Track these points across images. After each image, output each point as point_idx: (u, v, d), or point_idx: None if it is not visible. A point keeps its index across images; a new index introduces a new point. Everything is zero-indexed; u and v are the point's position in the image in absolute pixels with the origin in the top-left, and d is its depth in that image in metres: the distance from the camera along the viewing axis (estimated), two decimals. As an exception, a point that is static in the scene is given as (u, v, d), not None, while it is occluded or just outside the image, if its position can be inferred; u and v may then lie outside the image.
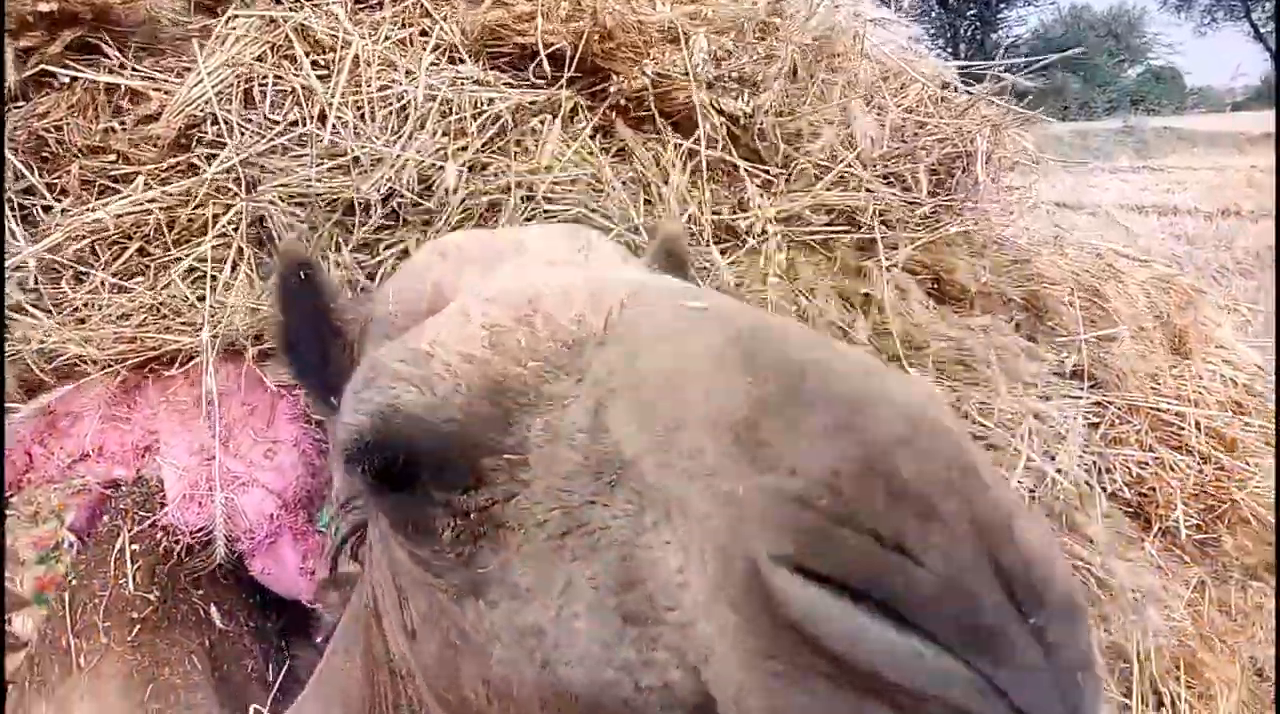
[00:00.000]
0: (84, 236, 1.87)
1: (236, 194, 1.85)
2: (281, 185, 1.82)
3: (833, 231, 2.13)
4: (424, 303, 0.79)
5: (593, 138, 1.99)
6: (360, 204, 1.84)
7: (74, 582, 1.61)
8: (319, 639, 1.54)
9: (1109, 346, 2.19)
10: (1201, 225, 8.43)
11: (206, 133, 1.87)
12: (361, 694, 0.98)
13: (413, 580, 0.76)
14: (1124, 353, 2.14)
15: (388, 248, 1.88)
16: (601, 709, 0.60)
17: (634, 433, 0.59)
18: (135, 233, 1.89)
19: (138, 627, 1.54)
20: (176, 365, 1.75)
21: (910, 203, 2.20)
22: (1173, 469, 2.26)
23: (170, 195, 1.88)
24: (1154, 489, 2.25)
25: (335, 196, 1.84)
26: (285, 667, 1.65)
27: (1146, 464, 2.23)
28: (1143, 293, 2.38)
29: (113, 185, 1.95)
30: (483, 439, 0.66)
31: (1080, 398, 2.09)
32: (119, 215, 1.85)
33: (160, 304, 1.80)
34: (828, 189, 2.15)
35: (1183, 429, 2.28)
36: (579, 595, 0.60)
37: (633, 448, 0.58)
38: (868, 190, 2.16)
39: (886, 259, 2.09)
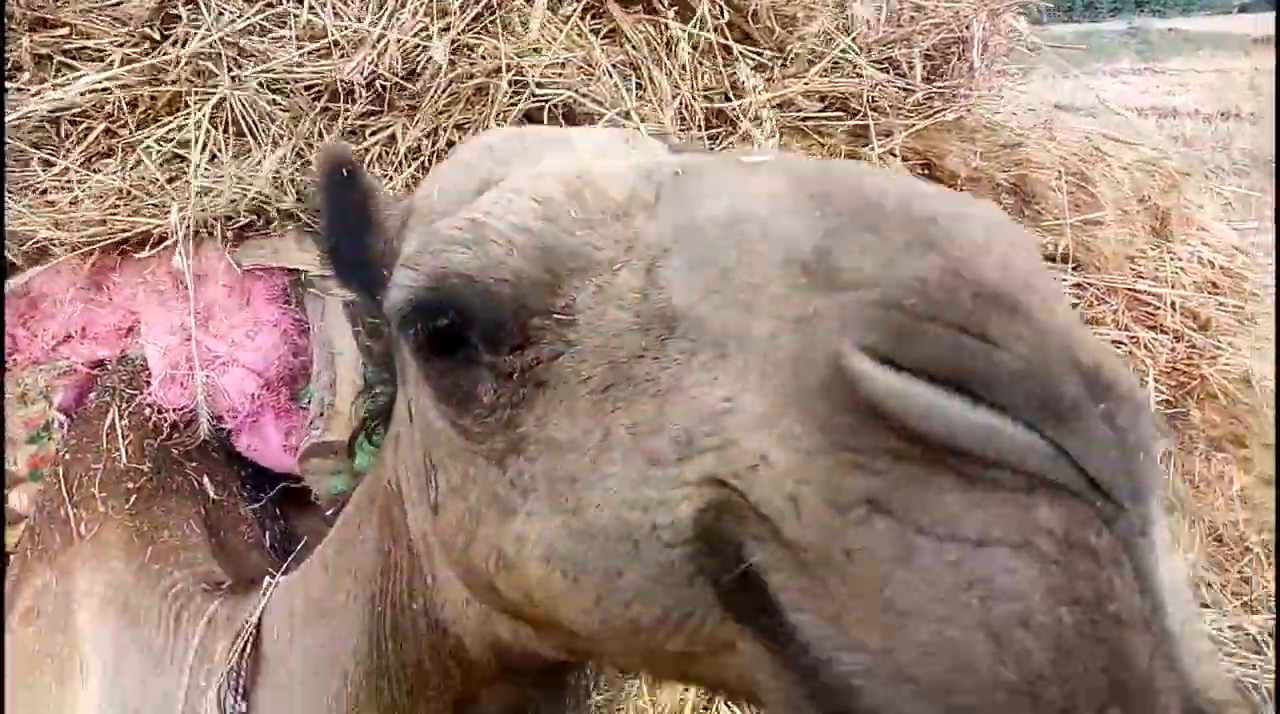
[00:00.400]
0: (47, 116, 1.86)
1: (212, 77, 1.84)
2: (264, 70, 1.82)
3: (826, 117, 2.18)
4: (470, 193, 0.82)
5: (583, 18, 1.99)
6: (344, 89, 1.85)
7: (67, 456, 1.70)
8: (329, 512, 1.64)
9: (1093, 230, 2.30)
10: (1200, 127, 8.56)
11: (179, 12, 1.84)
12: (374, 567, 1.06)
13: (450, 451, 0.81)
14: (1106, 237, 2.25)
15: (374, 134, 1.90)
16: (611, 555, 0.64)
17: (688, 283, 0.60)
18: (100, 113, 1.89)
19: (134, 496, 1.65)
20: (149, 247, 1.79)
21: (905, 89, 2.24)
22: (1147, 347, 2.41)
23: (134, 74, 1.87)
24: (1128, 367, 2.40)
25: (318, 82, 1.85)
26: (292, 538, 1.76)
27: (1122, 342, 2.38)
28: (1128, 176, 2.47)
29: (69, 63, 1.93)
30: (532, 300, 0.70)
31: (1062, 280, 2.21)
32: (83, 93, 1.84)
33: (130, 187, 1.82)
34: (822, 75, 2.18)
35: (1158, 309, 2.43)
36: (615, 443, 0.63)
37: (686, 297, 0.60)
38: (860, 76, 2.19)
39: (880, 146, 2.15)
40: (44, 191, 1.84)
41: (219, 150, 1.86)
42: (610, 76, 1.98)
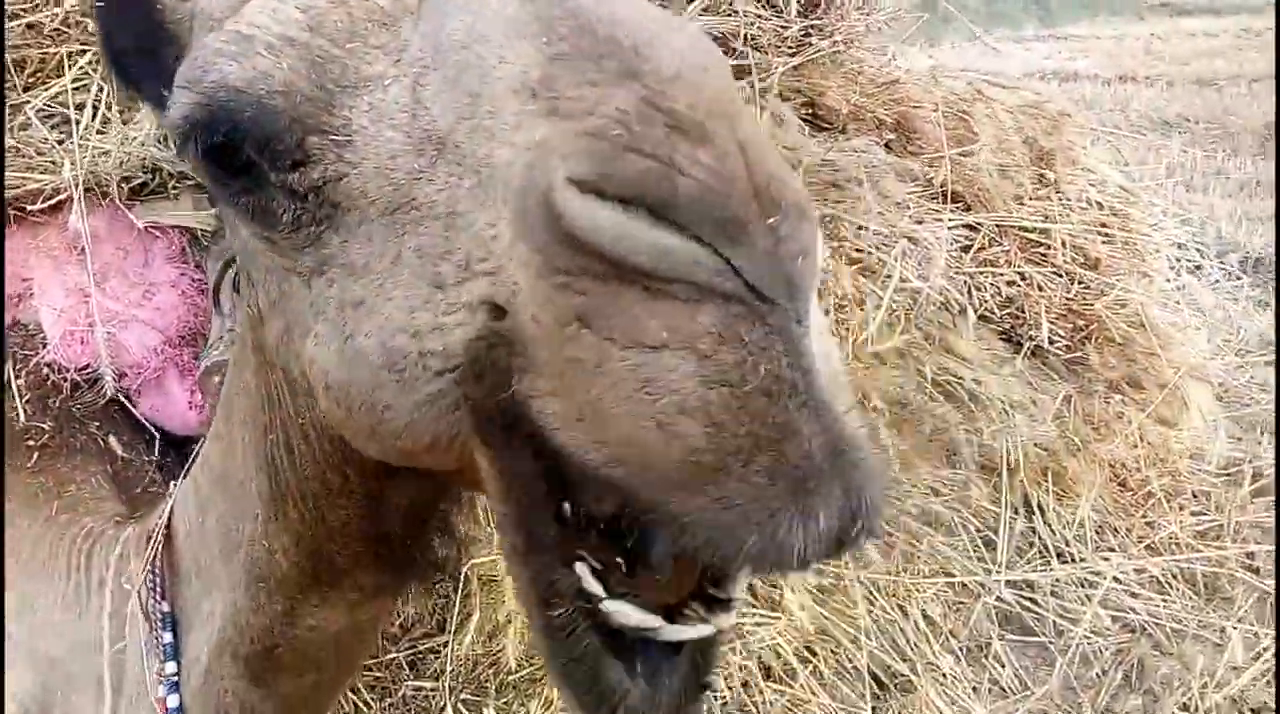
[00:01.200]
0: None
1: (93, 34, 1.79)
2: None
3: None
4: None
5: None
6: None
7: (-39, 422, 1.67)
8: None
9: (974, 162, 2.42)
10: (1100, 90, 9.29)
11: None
12: (259, 403, 1.07)
13: (266, 266, 0.84)
14: (985, 167, 2.38)
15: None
16: (379, 387, 0.70)
17: (444, 105, 0.66)
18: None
19: (36, 455, 1.64)
20: (41, 202, 1.77)
21: (781, 26, 2.32)
22: (1040, 288, 2.56)
23: (15, 33, 1.82)
24: (1023, 310, 2.56)
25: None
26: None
27: (1015, 283, 2.52)
28: (1011, 119, 2.62)
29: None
30: (307, 116, 0.72)
31: (950, 218, 2.33)
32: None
33: (18, 145, 1.81)
34: (700, 14, 2.23)
35: (1050, 247, 2.58)
36: (403, 266, 0.68)
37: (446, 121, 0.66)
38: (735, 14, 2.25)
39: (760, 82, 2.22)
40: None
41: (107, 110, 1.84)
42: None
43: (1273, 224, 5.67)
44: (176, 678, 1.23)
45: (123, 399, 1.79)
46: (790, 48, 2.32)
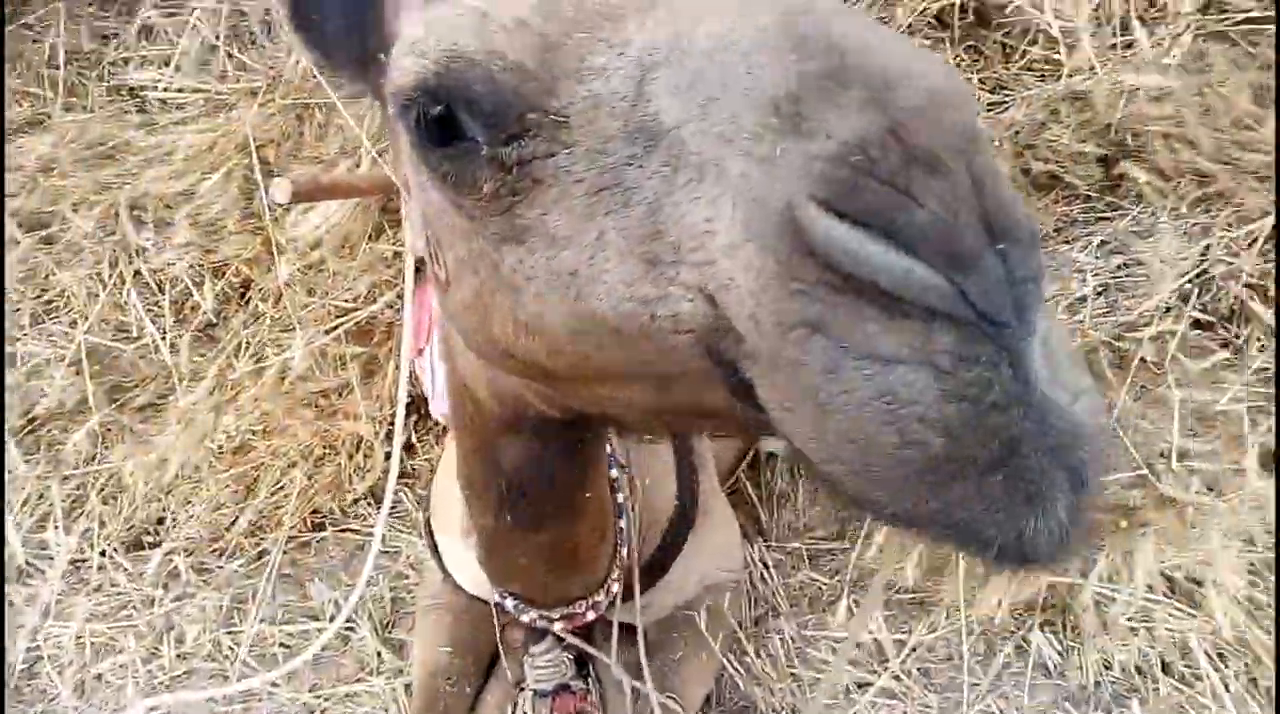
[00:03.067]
0: None
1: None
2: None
3: (1257, 21, 2.30)
4: None
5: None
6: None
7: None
8: None
9: None
10: None
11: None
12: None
13: (451, 228, 0.95)
14: None
15: None
16: (623, 332, 0.80)
17: (674, 103, 0.72)
18: None
19: None
20: None
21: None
22: None
23: None
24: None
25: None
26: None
27: None
28: None
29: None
30: (530, 95, 0.79)
31: None
32: None
33: None
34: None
35: None
36: (609, 244, 0.77)
37: (672, 117, 0.72)
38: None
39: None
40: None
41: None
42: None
43: None
44: None
45: None
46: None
